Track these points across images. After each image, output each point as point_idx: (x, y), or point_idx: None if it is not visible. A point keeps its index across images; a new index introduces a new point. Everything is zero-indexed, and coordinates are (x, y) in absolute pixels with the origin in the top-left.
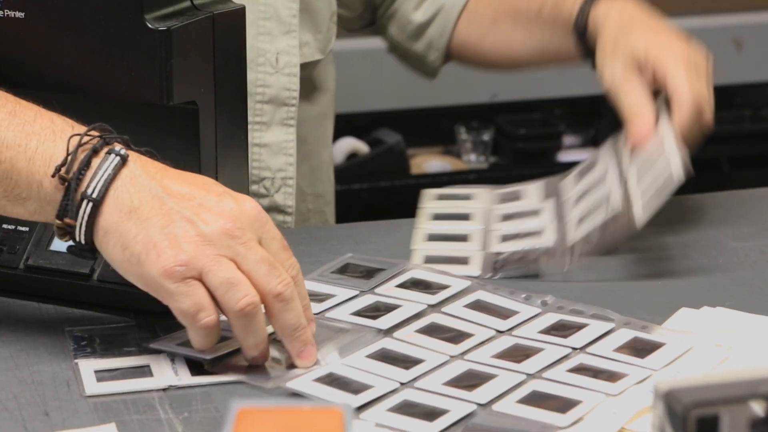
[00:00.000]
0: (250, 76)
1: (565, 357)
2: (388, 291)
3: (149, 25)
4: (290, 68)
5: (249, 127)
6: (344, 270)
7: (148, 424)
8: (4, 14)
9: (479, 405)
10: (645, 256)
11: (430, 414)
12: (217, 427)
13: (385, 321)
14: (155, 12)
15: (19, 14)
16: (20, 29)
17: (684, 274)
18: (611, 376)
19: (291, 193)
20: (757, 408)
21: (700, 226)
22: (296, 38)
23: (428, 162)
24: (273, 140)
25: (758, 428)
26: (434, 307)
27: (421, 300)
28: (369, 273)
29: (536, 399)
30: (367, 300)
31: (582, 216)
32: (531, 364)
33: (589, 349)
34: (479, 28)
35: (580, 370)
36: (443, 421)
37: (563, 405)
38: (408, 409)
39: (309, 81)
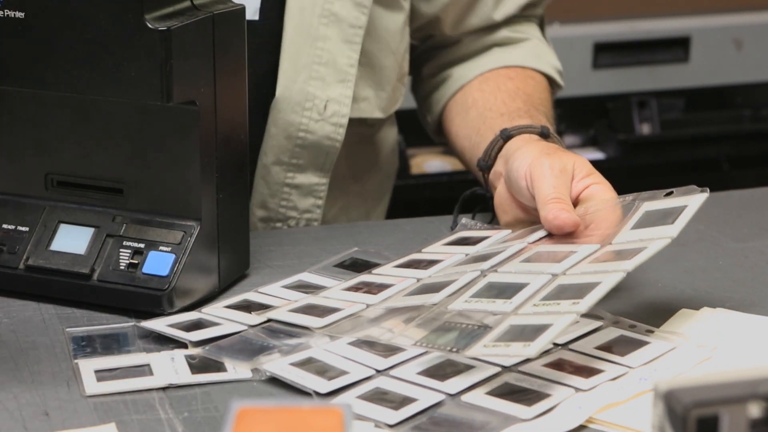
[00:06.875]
0: (294, 118)
1: (546, 353)
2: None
3: (149, 25)
4: (338, 118)
5: (282, 167)
6: (347, 264)
7: (148, 424)
8: (4, 14)
9: (449, 395)
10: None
11: (398, 402)
12: (217, 427)
13: (375, 310)
14: (155, 12)
15: (19, 14)
16: (20, 29)
17: (683, 275)
18: (586, 372)
19: None
20: (756, 408)
21: (700, 226)
22: (350, 89)
23: (428, 162)
24: (305, 182)
25: (758, 428)
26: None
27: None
28: (370, 269)
29: (505, 391)
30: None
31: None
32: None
33: (571, 346)
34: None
35: (557, 365)
36: (409, 410)
37: (530, 398)
38: (377, 396)
39: (371, 147)
